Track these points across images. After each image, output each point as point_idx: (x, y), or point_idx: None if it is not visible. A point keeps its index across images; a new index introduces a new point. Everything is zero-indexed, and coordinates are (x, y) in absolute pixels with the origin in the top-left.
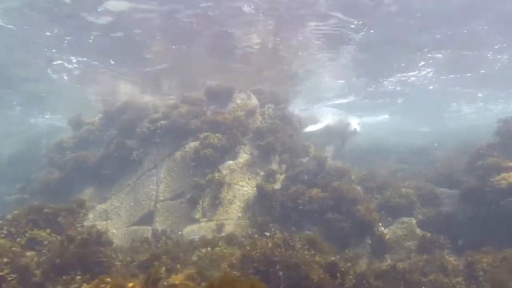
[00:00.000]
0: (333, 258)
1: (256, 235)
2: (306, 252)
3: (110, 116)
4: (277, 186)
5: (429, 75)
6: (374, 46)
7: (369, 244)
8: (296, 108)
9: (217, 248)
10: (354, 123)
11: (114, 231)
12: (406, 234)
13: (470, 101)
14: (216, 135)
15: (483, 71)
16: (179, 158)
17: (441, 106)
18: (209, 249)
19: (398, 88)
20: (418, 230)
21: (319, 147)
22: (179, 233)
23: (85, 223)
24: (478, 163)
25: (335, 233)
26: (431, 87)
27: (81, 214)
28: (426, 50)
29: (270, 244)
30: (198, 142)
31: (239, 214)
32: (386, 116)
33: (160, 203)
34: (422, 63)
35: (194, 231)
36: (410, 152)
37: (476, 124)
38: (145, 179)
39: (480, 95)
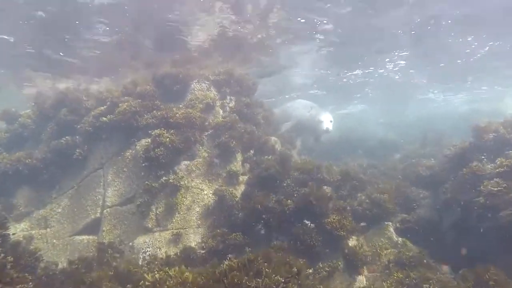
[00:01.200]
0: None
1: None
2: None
3: (45, 110)
4: (241, 189)
5: (396, 69)
6: (342, 41)
7: (343, 256)
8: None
9: (161, 272)
10: (327, 120)
11: (54, 241)
12: (383, 243)
13: (439, 91)
14: (170, 132)
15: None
16: (129, 157)
17: (408, 96)
18: (157, 275)
19: (367, 79)
20: (395, 237)
21: (289, 141)
22: (130, 244)
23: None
24: (463, 170)
25: (306, 245)
26: (397, 77)
27: None
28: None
29: (229, 277)
30: (149, 140)
31: (199, 222)
32: (355, 108)
33: (108, 209)
34: (387, 59)
35: (147, 242)
36: (381, 145)
37: (448, 113)
38: (90, 181)
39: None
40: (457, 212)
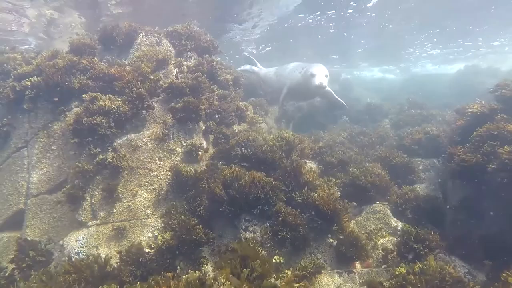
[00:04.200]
0: None
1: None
2: None
3: None
4: (202, 166)
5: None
6: None
7: (332, 245)
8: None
9: None
10: (320, 74)
11: None
12: (379, 228)
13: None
14: (108, 96)
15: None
16: (59, 131)
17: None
18: None
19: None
20: (393, 221)
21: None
22: (60, 242)
23: None
24: (476, 130)
25: (287, 229)
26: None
27: None
28: None
29: None
30: (82, 107)
31: (148, 211)
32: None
33: (33, 198)
34: None
35: (80, 240)
36: (367, 110)
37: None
38: (12, 163)
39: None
40: (469, 187)
